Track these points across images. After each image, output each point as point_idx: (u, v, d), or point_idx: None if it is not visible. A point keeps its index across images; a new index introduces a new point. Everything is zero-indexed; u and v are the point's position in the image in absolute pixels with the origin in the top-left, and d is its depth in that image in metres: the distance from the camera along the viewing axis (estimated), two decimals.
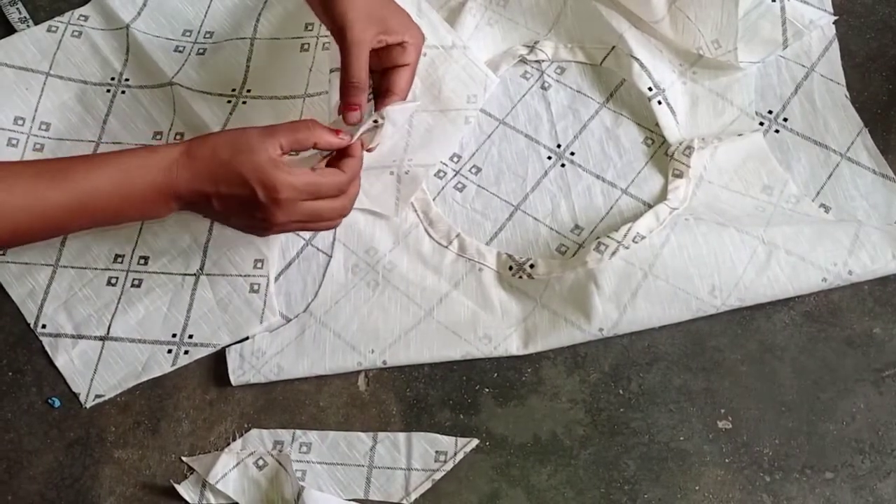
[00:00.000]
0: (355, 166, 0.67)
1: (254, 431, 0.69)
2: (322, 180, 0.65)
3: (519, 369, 0.71)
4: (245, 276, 0.74)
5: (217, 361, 0.72)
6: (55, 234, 0.69)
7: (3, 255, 0.77)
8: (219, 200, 0.64)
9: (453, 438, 0.68)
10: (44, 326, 0.74)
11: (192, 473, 0.68)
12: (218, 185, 0.64)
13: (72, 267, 0.76)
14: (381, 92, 0.70)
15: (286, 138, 0.64)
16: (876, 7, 0.84)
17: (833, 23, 0.82)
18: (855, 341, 0.71)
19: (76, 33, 0.87)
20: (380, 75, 0.70)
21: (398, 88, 0.69)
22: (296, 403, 0.71)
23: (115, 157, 0.65)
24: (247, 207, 0.64)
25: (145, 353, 0.73)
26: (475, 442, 0.68)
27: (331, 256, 0.76)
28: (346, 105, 0.66)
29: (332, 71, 0.71)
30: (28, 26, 0.88)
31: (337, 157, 0.68)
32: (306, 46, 0.84)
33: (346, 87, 0.66)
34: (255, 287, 0.74)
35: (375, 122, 0.68)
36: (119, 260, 0.76)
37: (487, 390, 0.71)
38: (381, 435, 0.69)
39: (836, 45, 0.82)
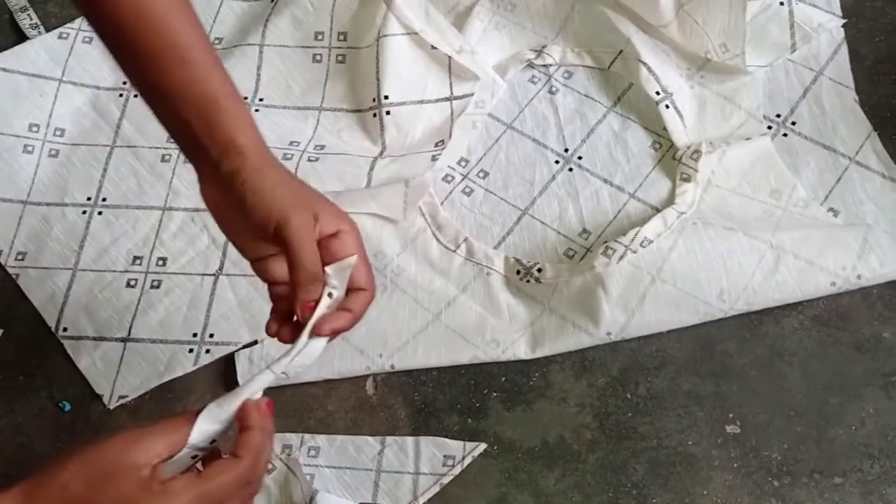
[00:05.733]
0: (256, 439, 0.50)
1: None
2: (214, 484, 0.47)
3: (527, 373, 0.71)
4: None
5: (226, 365, 0.73)
6: None
7: (23, 260, 0.78)
8: None
9: (461, 442, 0.68)
10: (65, 329, 0.75)
11: None
12: None
13: (91, 270, 0.77)
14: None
15: (163, 442, 0.48)
16: (885, 10, 0.84)
17: (842, 26, 0.82)
18: (864, 346, 0.70)
19: (87, 39, 0.88)
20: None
21: (362, 283, 0.55)
22: (304, 407, 0.71)
23: None
24: None
25: (167, 353, 0.73)
26: (483, 446, 0.68)
27: None
28: (304, 304, 0.53)
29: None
30: (39, 32, 0.88)
31: (239, 431, 0.50)
32: (318, 58, 0.84)
33: (301, 284, 0.53)
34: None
35: (330, 294, 0.55)
36: (137, 262, 0.77)
37: (495, 394, 0.71)
38: (389, 439, 0.69)
39: (844, 48, 0.81)
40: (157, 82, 0.54)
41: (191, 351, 0.73)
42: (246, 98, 0.83)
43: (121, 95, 0.85)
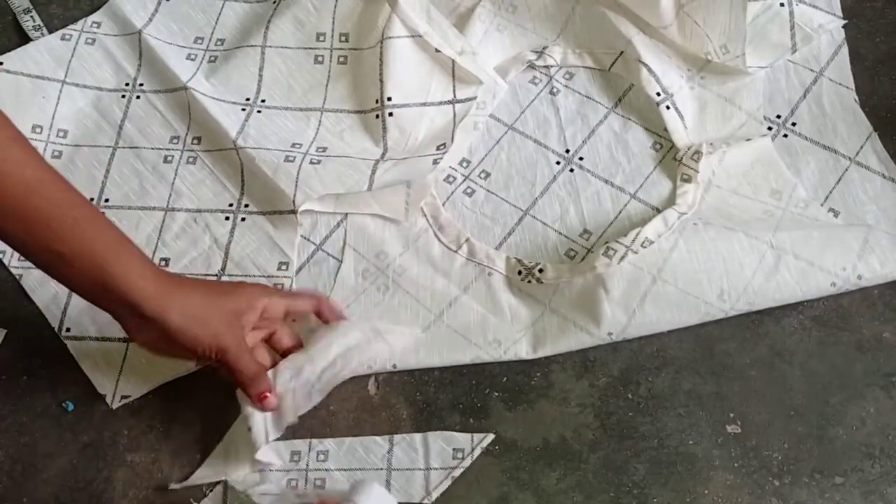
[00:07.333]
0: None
1: (270, 444, 0.68)
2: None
3: (528, 373, 0.71)
4: (269, 276, 0.75)
5: None
6: None
7: (25, 260, 0.78)
8: None
9: (469, 435, 0.68)
10: (68, 330, 0.75)
11: (210, 490, 0.68)
12: None
13: None
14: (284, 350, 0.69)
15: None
16: (886, 10, 0.84)
17: (842, 27, 0.82)
18: (864, 346, 0.71)
19: (90, 40, 0.88)
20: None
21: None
22: None
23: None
24: None
25: None
26: (491, 436, 0.68)
27: (341, 261, 0.77)
28: (256, 397, 0.65)
29: None
30: (42, 34, 0.89)
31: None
32: (320, 59, 0.85)
33: (251, 390, 0.65)
34: (279, 287, 0.74)
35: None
36: None
37: (497, 394, 0.71)
38: (397, 437, 0.69)
39: (845, 48, 0.82)
40: (57, 248, 0.59)
41: None
42: (248, 99, 0.84)
43: (123, 97, 0.85)
